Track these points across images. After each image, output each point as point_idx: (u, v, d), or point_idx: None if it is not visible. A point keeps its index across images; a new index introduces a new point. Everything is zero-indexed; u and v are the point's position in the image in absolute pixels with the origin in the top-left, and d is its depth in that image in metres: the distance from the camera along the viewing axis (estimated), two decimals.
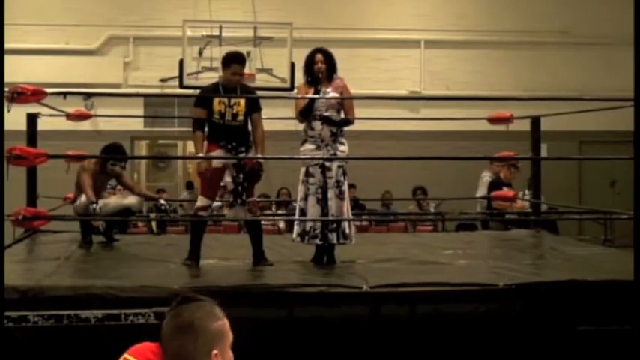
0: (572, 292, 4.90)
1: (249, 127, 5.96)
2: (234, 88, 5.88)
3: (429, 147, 12.37)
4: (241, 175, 5.86)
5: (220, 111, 5.82)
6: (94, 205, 6.71)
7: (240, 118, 5.86)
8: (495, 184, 9.86)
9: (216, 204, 8.21)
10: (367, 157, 10.15)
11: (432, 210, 12.04)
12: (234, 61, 5.89)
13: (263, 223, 6.83)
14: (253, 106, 5.94)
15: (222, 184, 6.35)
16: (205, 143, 5.93)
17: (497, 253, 6.81)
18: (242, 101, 5.86)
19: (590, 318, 4.81)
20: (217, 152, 5.88)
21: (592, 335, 4.77)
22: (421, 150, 11.76)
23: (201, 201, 5.99)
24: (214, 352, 2.24)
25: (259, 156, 5.91)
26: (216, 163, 5.88)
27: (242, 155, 5.88)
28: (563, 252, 6.68)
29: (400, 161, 11.03)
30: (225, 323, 2.28)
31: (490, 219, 10.28)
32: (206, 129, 5.94)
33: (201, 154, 5.91)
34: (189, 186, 13.76)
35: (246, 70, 6.90)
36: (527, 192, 10.87)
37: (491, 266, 5.78)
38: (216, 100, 5.83)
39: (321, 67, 6.01)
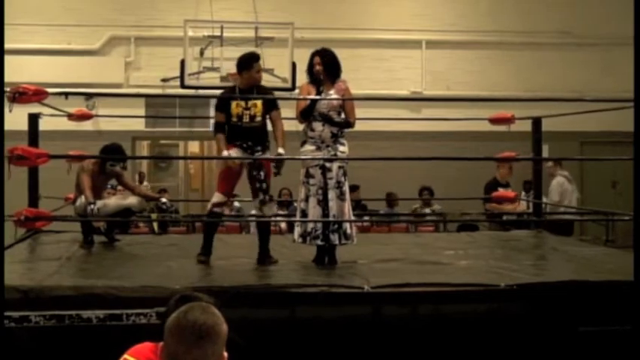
0: (574, 293, 4.90)
1: (268, 127, 6.05)
2: (251, 90, 5.96)
3: (430, 147, 12.37)
4: (262, 173, 5.94)
5: (238, 114, 5.92)
6: (92, 206, 6.71)
7: (258, 119, 5.96)
8: (492, 185, 9.87)
9: (236, 204, 8.27)
10: (368, 158, 10.16)
11: (435, 211, 12.02)
12: (255, 60, 6.04)
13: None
14: (271, 105, 6.04)
15: None
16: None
17: (498, 254, 6.81)
18: (259, 102, 5.95)
19: (592, 319, 4.81)
20: (234, 151, 5.97)
21: (593, 336, 4.77)
22: (422, 150, 11.77)
23: (216, 197, 6.08)
24: (225, 354, 2.25)
25: (258, 156, 5.95)
26: (231, 162, 5.95)
27: (258, 154, 5.96)
28: (565, 252, 6.68)
29: (401, 162, 11.04)
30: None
31: (491, 220, 10.30)
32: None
33: (225, 153, 5.94)
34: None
35: None
36: (523, 193, 10.90)
37: (493, 267, 5.78)
38: (233, 104, 5.93)
39: (319, 70, 6.02)
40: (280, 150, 5.99)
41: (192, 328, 2.19)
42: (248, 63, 5.99)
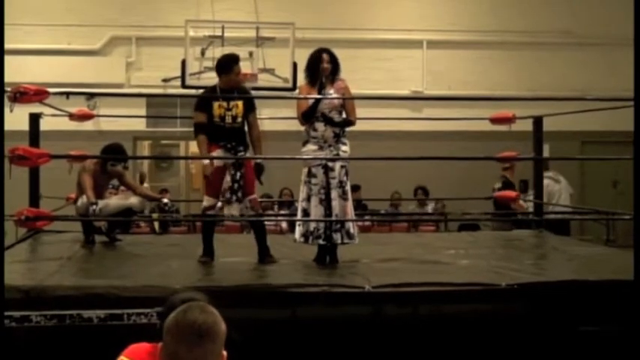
0: (575, 293, 4.90)
1: (246, 128, 6.07)
2: (232, 91, 5.97)
3: (431, 147, 12.35)
4: (239, 174, 5.94)
5: (220, 114, 5.96)
6: (94, 206, 6.72)
7: (239, 119, 6.00)
8: (507, 185, 9.96)
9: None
10: (369, 158, 10.16)
11: (429, 210, 12.03)
12: (235, 62, 6.05)
13: (266, 223, 6.90)
14: (249, 107, 6.05)
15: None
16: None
17: (499, 253, 6.81)
18: (240, 103, 5.98)
19: (593, 318, 4.81)
20: (218, 152, 6.01)
21: (594, 336, 4.77)
22: (424, 150, 11.74)
23: (207, 201, 6.12)
24: (224, 352, 2.25)
25: (260, 156, 5.98)
26: (217, 163, 6.01)
27: (241, 154, 5.98)
28: (566, 252, 6.68)
29: (402, 161, 11.05)
30: None
31: (492, 220, 10.31)
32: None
33: (205, 161, 6.05)
34: None
35: (248, 71, 6.98)
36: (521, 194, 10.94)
37: (494, 266, 5.77)
38: (215, 104, 5.96)
39: (327, 67, 5.99)
40: (260, 156, 6.02)
41: (191, 327, 2.19)
42: (228, 66, 6.02)
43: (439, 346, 4.76)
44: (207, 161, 6.08)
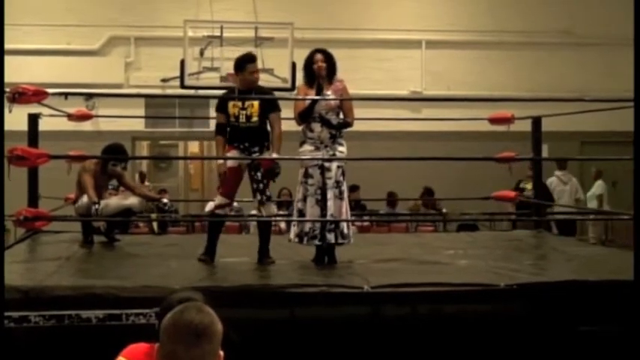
0: (574, 293, 4.90)
1: (268, 128, 6.05)
2: (249, 91, 5.97)
3: (430, 147, 12.35)
4: (259, 174, 5.97)
5: (235, 114, 5.97)
6: (96, 206, 6.71)
7: (255, 119, 5.97)
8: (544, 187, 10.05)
9: (235, 205, 8.37)
10: (368, 158, 10.16)
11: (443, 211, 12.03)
12: (248, 61, 6.05)
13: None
14: (269, 107, 6.03)
15: None
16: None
17: (498, 254, 6.80)
18: (256, 103, 5.97)
19: (592, 318, 4.80)
20: (233, 153, 6.03)
21: (594, 336, 4.76)
22: (422, 150, 11.76)
23: (219, 199, 6.11)
24: (221, 352, 2.24)
25: (265, 156, 5.97)
26: (231, 163, 6.02)
27: (255, 155, 5.99)
28: (565, 252, 6.67)
29: (401, 162, 11.05)
30: None
31: (491, 219, 10.31)
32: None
33: (219, 162, 6.08)
34: None
35: None
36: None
37: (493, 266, 5.77)
38: (230, 104, 5.99)
39: (321, 66, 6.00)
40: (274, 155, 5.97)
41: (188, 327, 2.19)
42: (241, 65, 6.03)
43: (438, 347, 4.75)
44: (220, 160, 6.09)
